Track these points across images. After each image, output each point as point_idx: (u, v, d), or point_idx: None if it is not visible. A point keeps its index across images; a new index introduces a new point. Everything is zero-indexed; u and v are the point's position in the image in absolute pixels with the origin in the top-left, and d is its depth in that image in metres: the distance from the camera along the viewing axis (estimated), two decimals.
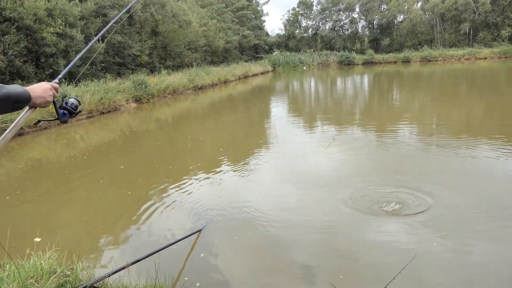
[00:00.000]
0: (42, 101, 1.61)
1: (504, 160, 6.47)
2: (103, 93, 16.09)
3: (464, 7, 43.36)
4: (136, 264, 3.32)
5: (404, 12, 48.81)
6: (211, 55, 36.61)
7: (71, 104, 1.86)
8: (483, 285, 3.31)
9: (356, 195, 5.29)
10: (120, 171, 7.53)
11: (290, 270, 3.71)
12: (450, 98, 15.13)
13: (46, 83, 1.65)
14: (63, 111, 1.84)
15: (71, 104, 1.86)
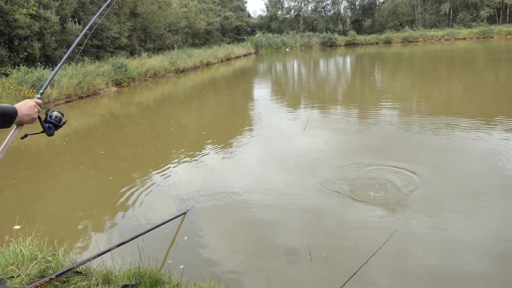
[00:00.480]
0: (28, 118, 1.68)
1: (481, 139, 6.64)
2: (82, 76, 15.65)
3: None
4: (120, 248, 3.31)
5: None
6: (192, 37, 35.90)
7: (55, 117, 1.90)
8: (460, 258, 3.44)
9: (339, 176, 5.37)
10: (101, 156, 7.41)
11: (274, 251, 3.77)
12: (430, 79, 15.33)
13: (30, 100, 1.71)
14: (49, 124, 1.88)
15: (55, 118, 1.90)
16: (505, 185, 4.74)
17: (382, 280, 3.23)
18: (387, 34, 42.64)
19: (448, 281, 3.14)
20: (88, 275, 2.72)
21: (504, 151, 5.87)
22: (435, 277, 3.18)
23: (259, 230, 4.16)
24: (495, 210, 4.18)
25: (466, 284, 3.14)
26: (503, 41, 32.51)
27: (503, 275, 3.18)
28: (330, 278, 3.27)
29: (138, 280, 2.68)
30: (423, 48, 31.58)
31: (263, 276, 3.32)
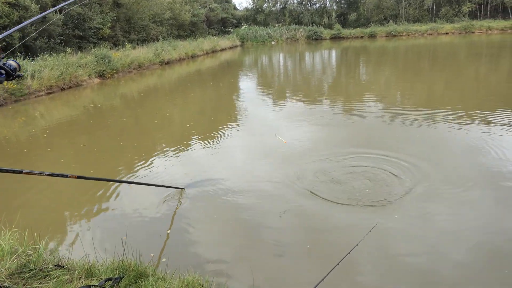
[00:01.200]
0: None
1: (463, 131, 6.80)
2: (63, 67, 15.29)
3: None
4: (103, 241, 3.28)
5: None
6: (177, 28, 35.42)
7: (9, 65, 1.75)
8: (443, 248, 3.53)
9: (323, 167, 5.42)
10: (82, 149, 7.28)
11: (258, 243, 3.79)
12: (413, 73, 15.55)
13: None
14: (1, 70, 1.74)
15: (9, 66, 1.75)
16: (485, 176, 4.86)
17: (366, 270, 3.29)
18: (371, 28, 42.99)
19: (431, 270, 3.22)
20: (70, 268, 2.69)
21: (485, 143, 6.02)
22: (417, 267, 3.26)
23: (244, 222, 4.17)
24: (477, 201, 4.29)
25: (449, 274, 3.23)
26: (484, 36, 33.15)
27: (486, 266, 3.28)
28: (313, 269, 3.31)
29: (122, 273, 2.66)
30: (407, 42, 31.94)
31: (247, 267, 3.34)
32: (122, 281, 2.56)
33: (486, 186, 4.64)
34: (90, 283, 2.55)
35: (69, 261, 2.81)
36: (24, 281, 2.45)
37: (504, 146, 5.86)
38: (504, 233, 3.68)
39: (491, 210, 4.10)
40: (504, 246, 3.48)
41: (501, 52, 20.63)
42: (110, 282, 2.54)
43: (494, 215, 3.99)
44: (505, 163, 5.24)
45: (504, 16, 41.44)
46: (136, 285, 2.53)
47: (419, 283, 3.09)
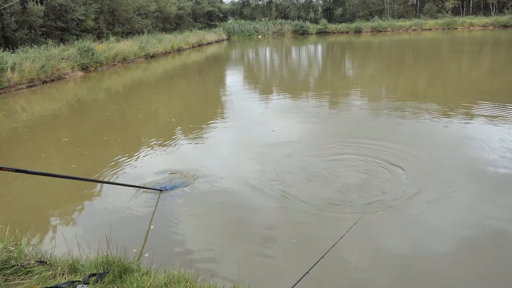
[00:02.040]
0: None
1: (446, 123, 6.94)
2: (45, 60, 14.94)
3: None
4: (86, 236, 3.24)
5: None
6: (163, 21, 34.97)
7: None
8: (429, 241, 3.62)
9: (309, 160, 5.47)
10: (64, 144, 7.14)
11: (243, 238, 3.81)
12: (398, 68, 15.75)
13: None
14: None
15: None
16: (467, 167, 4.98)
17: (351, 262, 3.34)
18: (357, 23, 43.31)
19: (415, 261, 3.30)
20: (53, 264, 2.65)
21: (467, 134, 6.16)
22: (401, 258, 3.34)
23: (229, 217, 4.18)
24: (459, 192, 4.40)
25: (432, 267, 3.31)
26: (466, 32, 33.74)
27: (468, 258, 3.38)
28: (299, 263, 3.35)
29: (106, 269, 2.64)
30: (391, 38, 32.28)
31: (233, 261, 3.36)
32: (107, 277, 2.54)
33: (468, 177, 4.75)
34: (73, 278, 2.52)
35: (51, 257, 2.78)
36: (5, 278, 2.41)
37: (485, 137, 6.01)
38: (487, 224, 3.79)
39: (473, 202, 4.21)
40: (486, 237, 3.58)
41: (482, 48, 21.05)
42: (94, 278, 2.52)
43: (476, 207, 4.10)
44: (487, 154, 5.38)
45: (485, 13, 42.23)
46: (120, 280, 2.52)
47: (403, 277, 3.16)
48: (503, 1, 41.51)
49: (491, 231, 3.67)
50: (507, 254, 3.35)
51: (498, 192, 4.40)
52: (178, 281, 2.49)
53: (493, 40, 26.04)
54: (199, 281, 2.64)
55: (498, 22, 36.67)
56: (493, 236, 3.61)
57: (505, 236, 3.59)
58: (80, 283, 2.44)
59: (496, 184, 4.59)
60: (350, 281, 3.14)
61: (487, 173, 4.86)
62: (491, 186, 4.55)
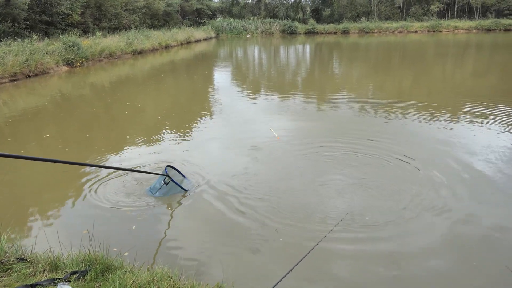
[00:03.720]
0: None
1: (431, 123, 7.06)
2: (29, 54, 14.63)
3: None
4: (68, 236, 3.19)
5: None
6: (150, 18, 34.63)
7: None
8: (416, 241, 3.68)
9: (295, 159, 5.50)
10: (46, 140, 7.00)
11: (227, 236, 3.81)
12: (384, 69, 15.94)
13: None
14: None
15: None
16: (452, 165, 5.08)
17: (335, 259, 3.38)
18: (345, 24, 43.70)
19: (400, 257, 3.35)
20: (33, 261, 2.61)
21: (451, 133, 6.29)
22: (387, 255, 3.39)
23: (213, 216, 4.17)
24: (444, 190, 4.49)
25: (419, 269, 3.36)
26: (451, 35, 34.37)
27: (455, 258, 3.45)
28: (284, 261, 3.37)
29: (88, 266, 2.61)
30: (378, 39, 32.65)
31: (217, 260, 3.36)
32: (88, 274, 2.51)
33: (453, 175, 4.85)
34: (54, 276, 2.49)
35: (32, 254, 2.73)
36: None
37: (467, 136, 6.15)
38: (472, 223, 3.87)
39: (458, 200, 4.29)
40: (474, 238, 3.66)
41: (466, 51, 21.48)
42: (75, 275, 2.49)
43: (461, 206, 4.18)
44: (469, 151, 5.49)
45: (469, 17, 43.15)
46: (102, 278, 2.49)
47: (388, 276, 3.21)
48: (486, 5, 42.44)
49: (477, 232, 3.76)
50: (492, 254, 3.43)
51: (478, 192, 4.50)
52: (162, 279, 2.48)
53: (476, 43, 26.58)
54: (182, 279, 2.63)
55: (481, 26, 37.50)
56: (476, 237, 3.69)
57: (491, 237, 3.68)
58: (61, 281, 2.41)
59: (476, 184, 4.70)
60: (334, 279, 3.18)
61: (471, 172, 4.97)
62: (475, 183, 4.66)
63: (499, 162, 5.30)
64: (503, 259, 3.31)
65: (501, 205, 4.22)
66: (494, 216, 3.98)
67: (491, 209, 4.14)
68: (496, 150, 5.74)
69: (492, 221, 3.89)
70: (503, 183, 4.71)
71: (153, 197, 4.51)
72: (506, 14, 40.89)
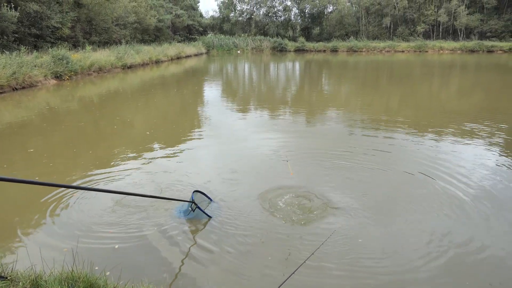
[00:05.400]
0: None
1: (417, 142, 7.17)
2: (17, 67, 14.51)
3: (386, 2, 46.83)
4: (51, 253, 3.10)
5: (333, 3, 51.02)
6: (141, 33, 34.83)
7: None
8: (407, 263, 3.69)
9: (285, 175, 5.51)
10: (30, 154, 6.83)
11: (214, 252, 3.76)
12: (372, 87, 16.23)
13: None
14: None
15: None
16: (438, 186, 5.15)
17: (327, 271, 3.35)
18: (334, 42, 44.64)
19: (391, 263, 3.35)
20: (14, 280, 2.53)
21: (439, 153, 6.38)
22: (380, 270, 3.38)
23: (199, 232, 4.12)
24: (431, 211, 4.53)
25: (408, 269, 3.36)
26: (436, 55, 35.30)
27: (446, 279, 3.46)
28: (275, 274, 3.33)
29: (71, 285, 2.54)
30: (366, 58, 33.34)
31: (203, 276, 3.31)
32: None
33: (440, 196, 4.90)
34: None
35: (13, 272, 2.65)
36: None
37: (456, 155, 6.25)
38: (466, 245, 3.90)
39: (447, 220, 4.33)
40: (467, 258, 3.68)
41: (452, 72, 22.06)
42: None
43: (450, 226, 4.22)
44: (454, 174, 5.58)
45: (454, 38, 44.47)
46: None
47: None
48: (470, 27, 43.87)
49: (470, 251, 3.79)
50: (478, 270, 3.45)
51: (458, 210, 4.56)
52: None
53: (461, 64, 27.33)
54: None
55: (465, 47, 38.66)
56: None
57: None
58: None
59: (459, 203, 4.76)
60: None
61: (459, 192, 5.04)
62: (465, 204, 4.71)
63: (481, 180, 5.39)
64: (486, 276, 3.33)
65: (481, 224, 4.27)
66: (476, 235, 4.03)
67: (471, 228, 4.19)
68: (481, 166, 5.84)
69: (476, 240, 3.93)
70: (486, 199, 4.78)
71: (137, 216, 4.40)
72: (488, 36, 42.32)
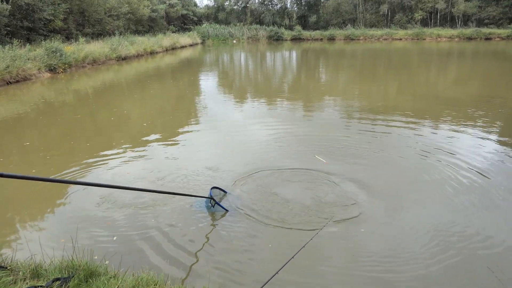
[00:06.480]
0: None
1: (415, 131, 7.18)
2: (10, 60, 14.35)
3: None
4: (51, 243, 3.11)
5: None
6: (135, 23, 34.43)
7: None
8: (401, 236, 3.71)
9: (287, 173, 5.52)
10: (26, 148, 6.78)
11: (213, 246, 3.78)
12: (369, 76, 16.17)
13: None
14: None
15: None
16: (435, 175, 5.17)
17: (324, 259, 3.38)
18: (331, 31, 44.27)
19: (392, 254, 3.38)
20: (14, 269, 2.53)
21: (436, 143, 6.40)
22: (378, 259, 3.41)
23: (197, 220, 4.14)
24: (428, 201, 4.56)
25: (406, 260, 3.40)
26: (434, 43, 35.16)
27: (437, 252, 3.49)
28: (269, 265, 3.35)
29: (71, 273, 2.55)
30: (364, 46, 33.16)
31: (203, 263, 3.32)
32: (72, 281, 2.45)
33: (435, 185, 4.93)
34: (36, 284, 2.42)
35: (13, 262, 2.65)
36: None
37: (453, 144, 6.27)
38: (472, 236, 3.93)
39: (444, 211, 4.36)
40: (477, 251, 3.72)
41: (449, 59, 22.00)
42: (58, 282, 2.43)
43: (449, 217, 4.25)
44: (453, 162, 5.60)
45: (451, 25, 44.23)
46: (86, 285, 2.43)
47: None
48: (467, 14, 43.62)
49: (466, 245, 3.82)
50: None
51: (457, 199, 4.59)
52: (147, 284, 2.44)
53: (458, 52, 27.23)
54: (168, 284, 2.59)
55: (463, 35, 38.47)
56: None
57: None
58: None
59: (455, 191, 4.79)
60: (323, 279, 3.17)
61: (453, 182, 5.06)
62: (459, 194, 4.74)
63: (481, 165, 5.42)
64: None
65: (483, 212, 4.30)
66: (476, 223, 4.06)
67: (473, 216, 4.22)
68: (479, 154, 5.87)
69: (475, 228, 3.97)
70: (487, 190, 4.81)
71: (135, 208, 4.38)
72: (486, 23, 42.09)
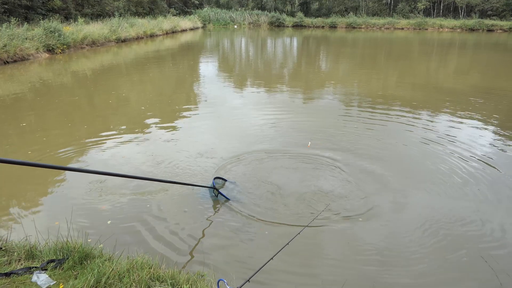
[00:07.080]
0: None
1: (414, 120, 7.17)
2: (7, 39, 14.16)
3: None
4: (46, 225, 3.11)
5: None
6: (135, 5, 33.89)
7: None
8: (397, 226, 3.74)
9: (284, 157, 5.52)
10: (23, 128, 6.75)
11: (210, 234, 3.79)
12: (370, 65, 16.06)
13: None
14: None
15: None
16: (433, 163, 5.19)
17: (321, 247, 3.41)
18: (332, 18, 43.75)
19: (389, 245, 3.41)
20: (8, 250, 2.54)
21: (435, 132, 6.40)
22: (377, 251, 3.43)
23: (194, 205, 4.15)
24: (424, 190, 4.57)
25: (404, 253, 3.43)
26: (436, 33, 34.83)
27: (434, 242, 3.53)
28: (264, 250, 3.38)
29: (66, 255, 2.56)
30: (365, 35, 32.85)
31: (198, 248, 3.35)
32: (66, 263, 2.46)
33: (433, 174, 4.95)
34: (30, 265, 2.43)
35: (7, 243, 2.66)
36: None
37: (450, 133, 6.27)
38: (470, 223, 3.96)
39: (441, 200, 4.38)
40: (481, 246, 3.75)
41: (450, 50, 21.83)
42: (53, 264, 2.44)
43: (444, 206, 4.27)
44: (452, 150, 5.61)
45: (454, 16, 43.78)
46: (81, 266, 2.44)
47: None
48: (471, 5, 43.12)
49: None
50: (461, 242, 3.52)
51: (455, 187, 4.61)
52: (142, 267, 2.45)
53: (460, 43, 27.01)
54: (163, 267, 2.60)
55: (466, 25, 38.08)
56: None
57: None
58: (37, 269, 2.35)
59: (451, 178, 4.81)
60: (320, 267, 3.21)
61: (451, 170, 5.08)
62: (457, 182, 4.76)
63: (481, 155, 5.43)
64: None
65: (484, 201, 4.33)
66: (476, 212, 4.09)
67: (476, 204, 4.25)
68: (477, 144, 5.88)
69: (474, 216, 4.00)
70: (483, 179, 4.83)
71: (130, 192, 4.38)
72: (489, 15, 41.64)
